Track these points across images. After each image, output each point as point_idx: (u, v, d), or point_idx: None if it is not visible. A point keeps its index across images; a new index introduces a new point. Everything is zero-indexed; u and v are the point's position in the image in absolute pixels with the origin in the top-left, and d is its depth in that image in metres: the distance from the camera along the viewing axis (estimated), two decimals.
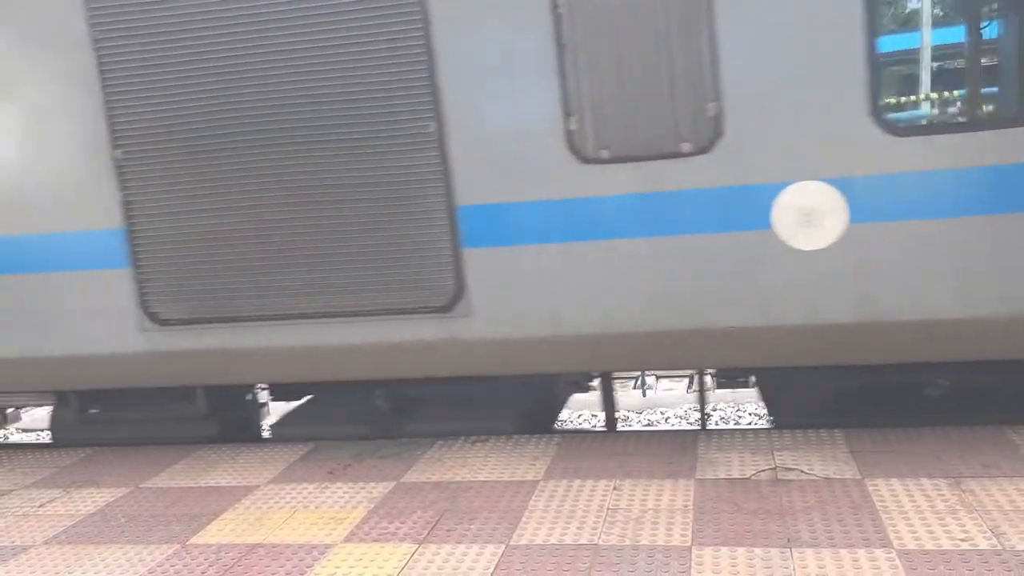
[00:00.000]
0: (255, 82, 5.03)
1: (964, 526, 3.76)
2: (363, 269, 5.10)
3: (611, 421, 6.31)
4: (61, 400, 6.27)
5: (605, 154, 4.73)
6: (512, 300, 4.98)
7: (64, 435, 6.30)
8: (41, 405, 6.70)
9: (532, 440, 5.44)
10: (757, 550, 3.70)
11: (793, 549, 3.68)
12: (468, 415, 5.85)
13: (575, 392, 6.80)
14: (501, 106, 4.81)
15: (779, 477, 4.48)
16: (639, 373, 9.90)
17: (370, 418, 5.99)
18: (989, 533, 3.67)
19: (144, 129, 5.20)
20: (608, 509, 4.27)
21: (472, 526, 4.23)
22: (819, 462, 4.63)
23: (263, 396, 6.95)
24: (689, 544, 3.81)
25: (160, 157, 5.21)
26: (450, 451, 5.36)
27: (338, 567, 3.93)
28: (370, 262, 5.09)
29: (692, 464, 4.78)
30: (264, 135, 5.07)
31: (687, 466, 4.75)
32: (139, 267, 5.37)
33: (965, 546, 3.58)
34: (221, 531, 4.47)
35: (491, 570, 3.74)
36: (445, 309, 5.04)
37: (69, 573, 4.12)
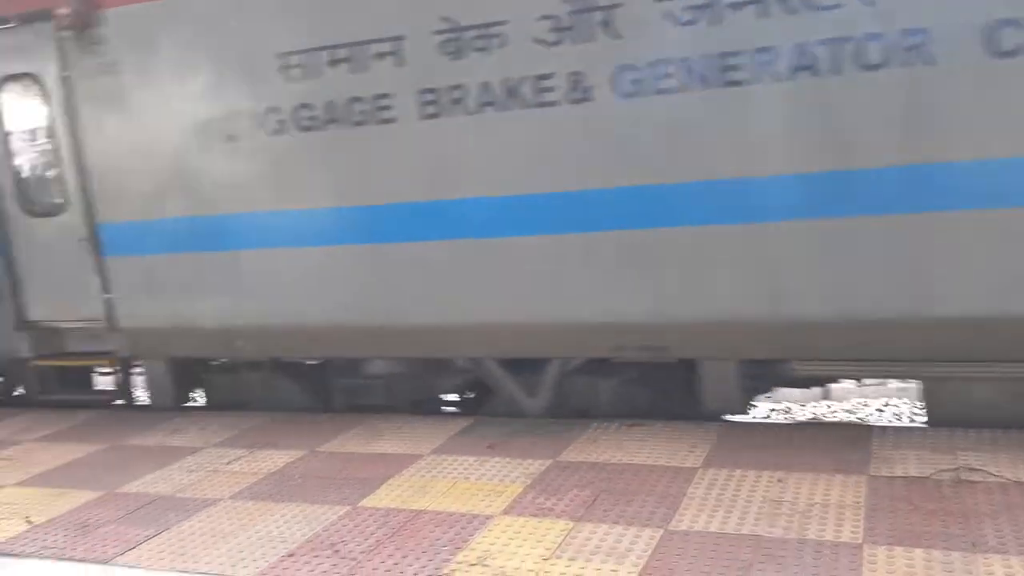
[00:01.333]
0: None
1: None
2: None
3: None
4: None
5: None
6: None
7: None
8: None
9: (690, 427, 5.34)
10: (936, 552, 3.48)
11: (978, 554, 3.44)
12: None
13: None
14: None
15: (962, 478, 4.19)
16: None
17: None
18: None
19: None
20: (771, 501, 4.14)
21: (629, 508, 4.22)
22: (1008, 464, 4.30)
23: None
24: (860, 541, 3.64)
25: None
26: (605, 433, 5.35)
27: (498, 537, 4.03)
28: None
29: (864, 460, 4.55)
30: None
31: (858, 462, 4.53)
32: None
33: None
34: (389, 495, 4.68)
35: (649, 552, 3.72)
36: None
37: (252, 526, 4.44)
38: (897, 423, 8.28)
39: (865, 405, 9.02)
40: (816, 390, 8.53)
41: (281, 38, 5.50)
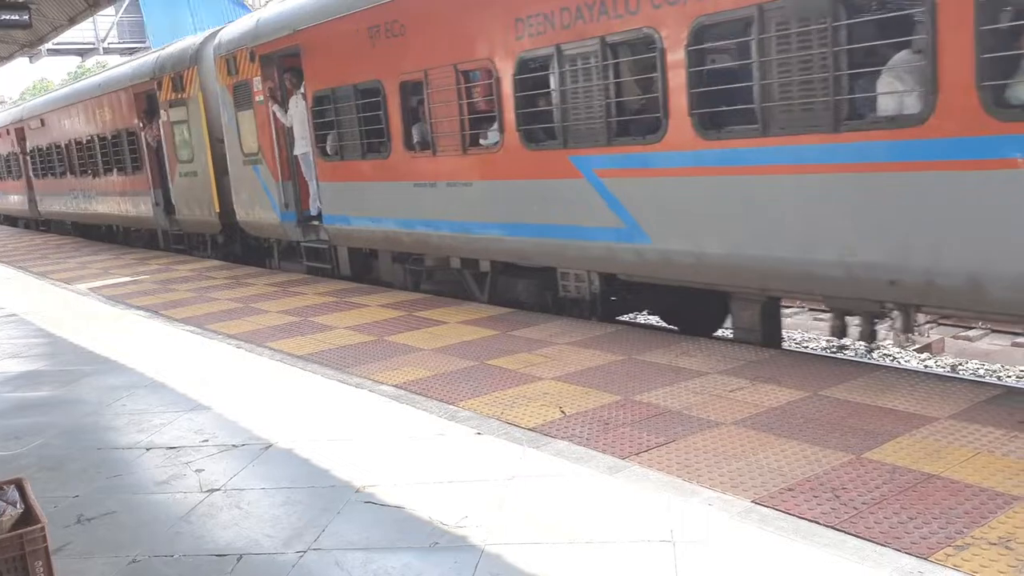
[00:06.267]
0: None
1: None
2: None
3: None
4: None
5: None
6: None
7: None
8: None
9: None
10: None
11: None
12: None
13: None
14: None
15: None
16: None
17: None
18: None
19: None
20: None
21: None
22: None
23: None
24: None
25: None
26: None
27: None
28: None
29: None
30: None
31: None
32: None
33: None
34: (896, 453, 4.45)
35: None
36: None
37: (753, 454, 4.58)
38: None
39: None
40: None
41: None
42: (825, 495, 4.03)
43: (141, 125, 16.56)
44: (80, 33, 35.28)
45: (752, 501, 4.02)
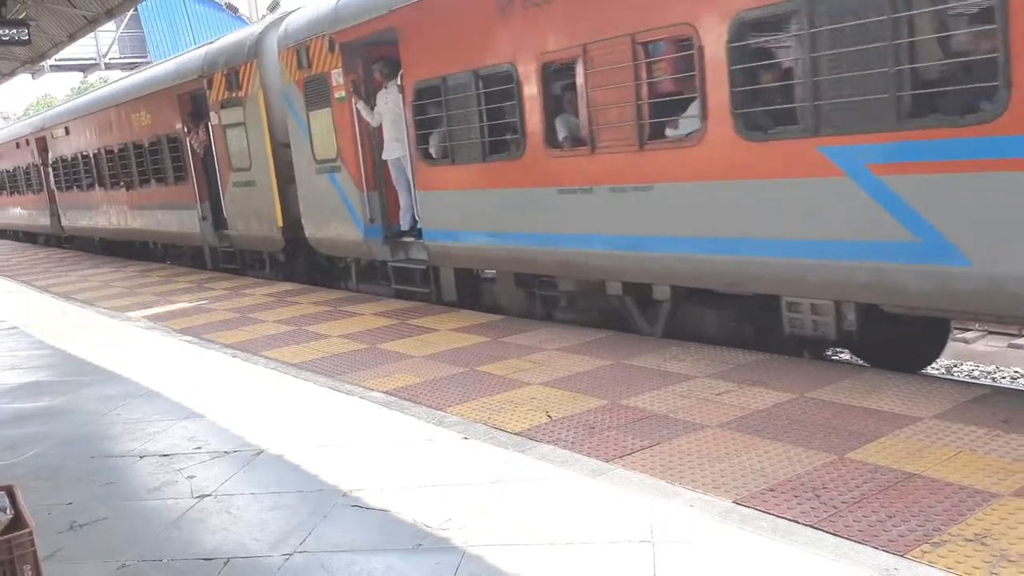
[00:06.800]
0: None
1: None
2: None
3: None
4: None
5: None
6: None
7: None
8: None
9: None
10: None
11: None
12: None
13: None
14: None
15: None
16: None
17: None
18: None
19: None
20: None
21: None
22: None
23: None
24: None
25: None
26: None
27: (1003, 519, 3.62)
28: None
29: None
30: None
31: None
32: None
33: None
34: (879, 453, 4.48)
35: None
36: None
37: (736, 456, 4.62)
38: None
39: None
40: None
41: None
42: (806, 495, 4.07)
43: (185, 130, 14.63)
44: (82, 49, 35.49)
45: (733, 502, 4.06)
